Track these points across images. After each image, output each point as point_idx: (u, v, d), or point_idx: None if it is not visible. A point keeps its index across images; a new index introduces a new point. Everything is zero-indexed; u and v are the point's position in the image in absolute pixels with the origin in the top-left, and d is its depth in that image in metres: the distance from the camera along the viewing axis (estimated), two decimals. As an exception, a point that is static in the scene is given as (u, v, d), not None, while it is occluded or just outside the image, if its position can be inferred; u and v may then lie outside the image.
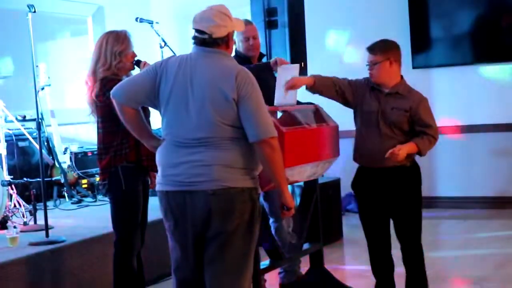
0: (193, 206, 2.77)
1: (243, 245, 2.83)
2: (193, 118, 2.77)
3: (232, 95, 2.75)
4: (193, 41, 2.89)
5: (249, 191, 2.81)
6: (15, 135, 5.95)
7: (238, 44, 4.26)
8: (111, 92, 2.93)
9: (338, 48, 7.31)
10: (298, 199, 4.48)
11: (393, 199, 3.62)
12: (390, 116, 3.55)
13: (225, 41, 2.87)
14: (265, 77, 4.39)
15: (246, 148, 2.80)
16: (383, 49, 3.59)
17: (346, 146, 4.32)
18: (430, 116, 3.59)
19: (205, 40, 2.84)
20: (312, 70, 5.89)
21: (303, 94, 4.01)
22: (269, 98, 3.98)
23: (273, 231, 4.19)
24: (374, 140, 3.57)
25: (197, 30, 2.86)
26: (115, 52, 3.49)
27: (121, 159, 3.44)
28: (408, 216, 3.64)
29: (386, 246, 3.72)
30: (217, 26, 2.83)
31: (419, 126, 3.55)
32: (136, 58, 3.60)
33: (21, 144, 6.05)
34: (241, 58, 4.24)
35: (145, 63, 3.66)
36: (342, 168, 4.85)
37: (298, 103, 4.31)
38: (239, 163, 2.78)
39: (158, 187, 2.90)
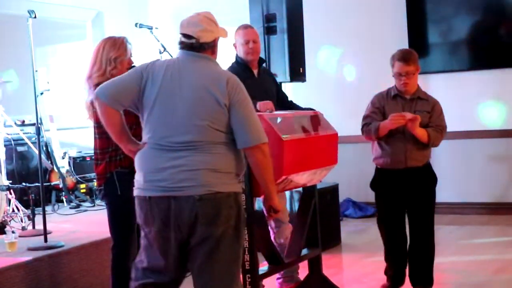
0: (178, 212, 2.73)
1: (232, 251, 2.80)
2: (180, 121, 2.74)
3: (223, 100, 2.74)
4: (179, 45, 2.88)
5: (235, 196, 2.80)
6: (14, 140, 5.96)
7: (238, 48, 4.25)
8: (96, 91, 2.88)
9: (336, 54, 7.32)
10: (297, 205, 4.49)
11: (411, 195, 3.99)
12: None
13: (211, 47, 2.88)
14: (267, 83, 4.40)
15: (232, 153, 2.80)
16: (415, 60, 3.98)
17: (345, 152, 4.33)
18: (443, 117, 4.08)
19: (193, 45, 2.84)
20: (310, 75, 5.93)
21: (303, 99, 4.02)
22: (257, 98, 3.99)
23: (271, 237, 4.19)
24: (400, 144, 3.92)
25: (184, 35, 2.86)
26: (110, 58, 3.50)
27: (115, 164, 3.44)
28: (423, 209, 4.00)
29: (403, 239, 4.07)
30: (204, 30, 2.84)
31: (432, 124, 3.98)
32: (132, 65, 3.61)
33: (20, 148, 6.05)
34: (240, 64, 4.24)
35: None
36: (340, 174, 4.86)
37: (299, 108, 4.32)
38: (225, 168, 2.77)
39: (138, 193, 2.83)
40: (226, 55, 4.66)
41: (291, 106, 4.36)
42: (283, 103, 4.36)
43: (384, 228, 4.10)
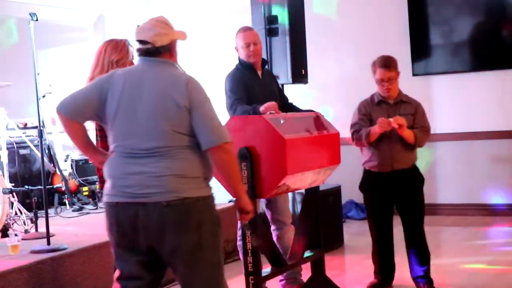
0: (146, 219, 2.69)
1: (212, 255, 2.77)
2: (143, 128, 2.72)
3: (183, 102, 2.71)
4: (137, 53, 2.87)
5: (204, 200, 2.75)
6: (16, 143, 5.97)
7: (239, 51, 4.24)
8: (57, 106, 2.86)
9: (338, 56, 7.32)
10: (299, 207, 4.49)
11: (399, 197, 4.16)
12: None
13: (168, 49, 2.86)
14: (271, 84, 4.40)
15: (200, 157, 2.76)
16: (396, 65, 4.11)
17: (348, 154, 4.34)
18: (426, 118, 4.20)
19: (149, 50, 2.82)
20: (312, 77, 5.93)
21: (305, 101, 4.02)
22: (260, 99, 4.01)
23: (274, 238, 4.19)
24: (386, 147, 4.07)
25: (139, 41, 2.84)
26: (112, 60, 3.51)
27: None
28: (413, 210, 4.17)
29: (389, 240, 4.24)
30: (159, 34, 2.83)
31: (417, 126, 4.11)
32: None
33: (22, 151, 6.06)
34: (244, 65, 4.23)
35: None
36: (343, 176, 4.86)
37: (299, 110, 4.32)
38: (193, 172, 2.73)
39: (106, 199, 2.80)
40: (229, 58, 4.67)
41: (291, 108, 4.36)
42: (284, 104, 4.37)
43: (373, 228, 4.25)
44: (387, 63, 4.07)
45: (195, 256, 2.72)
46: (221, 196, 5.41)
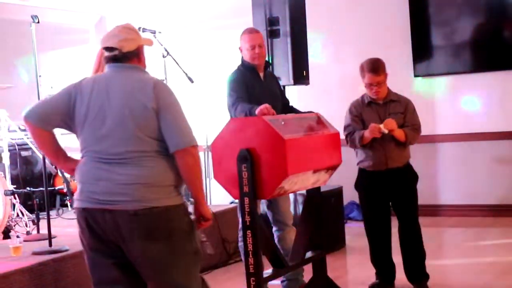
0: (113, 226, 2.67)
1: (184, 265, 2.74)
2: (113, 132, 2.70)
3: (151, 104, 2.68)
4: (104, 61, 2.85)
5: (174, 209, 2.71)
6: (18, 145, 5.97)
7: (243, 53, 4.25)
8: (24, 113, 2.84)
9: (339, 57, 7.32)
10: (301, 208, 4.49)
11: (394, 195, 4.21)
12: None
13: (136, 54, 2.84)
14: (273, 86, 4.41)
15: (171, 164, 2.72)
16: (384, 68, 4.16)
17: (350, 155, 4.35)
18: (416, 115, 4.24)
19: (116, 56, 2.81)
20: (313, 79, 5.92)
21: (306, 102, 4.02)
22: (274, 106, 4.01)
23: (276, 240, 4.19)
24: (379, 147, 4.14)
25: (106, 48, 2.83)
26: None
27: None
28: (408, 207, 4.22)
29: (387, 240, 4.27)
30: (125, 40, 2.81)
31: (408, 124, 4.18)
32: None
33: (24, 153, 6.07)
34: (245, 67, 4.23)
35: None
36: (345, 177, 4.86)
37: (299, 112, 4.32)
38: (162, 180, 2.70)
39: (75, 204, 2.79)
40: (230, 59, 4.68)
41: (292, 110, 4.37)
42: (285, 106, 4.37)
43: (369, 227, 4.30)
44: (375, 68, 4.13)
45: (166, 265, 2.69)
46: (221, 197, 5.43)
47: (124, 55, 2.81)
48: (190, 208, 2.86)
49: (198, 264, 2.84)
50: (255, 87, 4.18)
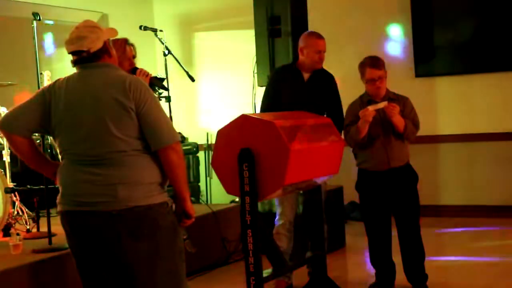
0: (96, 227, 2.64)
1: (169, 264, 2.71)
2: (90, 134, 2.65)
3: (129, 104, 2.62)
4: (72, 65, 2.79)
5: (157, 207, 2.67)
6: (18, 143, 5.95)
7: (305, 53, 4.28)
8: None
9: (340, 57, 7.31)
10: (301, 207, 4.48)
11: (394, 195, 4.16)
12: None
13: (105, 51, 2.76)
14: (316, 88, 4.40)
15: (152, 161, 2.68)
16: (383, 64, 4.16)
17: (350, 155, 4.34)
18: (415, 112, 4.20)
19: (85, 58, 2.73)
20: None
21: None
22: (296, 102, 4.05)
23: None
24: (380, 146, 4.12)
25: (74, 53, 2.76)
26: None
27: None
28: (409, 208, 4.17)
29: (387, 241, 4.23)
30: (91, 40, 2.72)
31: (407, 120, 4.11)
32: (135, 67, 3.61)
33: (24, 151, 6.05)
34: (287, 67, 4.42)
35: (141, 71, 3.67)
36: (345, 177, 4.85)
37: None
38: (144, 179, 2.65)
39: (58, 208, 2.75)
40: (231, 59, 4.67)
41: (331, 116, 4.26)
42: (330, 110, 4.39)
43: (369, 228, 4.27)
44: (376, 63, 4.15)
45: (151, 264, 2.66)
46: (222, 197, 5.43)
47: (94, 55, 2.73)
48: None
49: (182, 265, 2.80)
50: (290, 87, 4.32)
